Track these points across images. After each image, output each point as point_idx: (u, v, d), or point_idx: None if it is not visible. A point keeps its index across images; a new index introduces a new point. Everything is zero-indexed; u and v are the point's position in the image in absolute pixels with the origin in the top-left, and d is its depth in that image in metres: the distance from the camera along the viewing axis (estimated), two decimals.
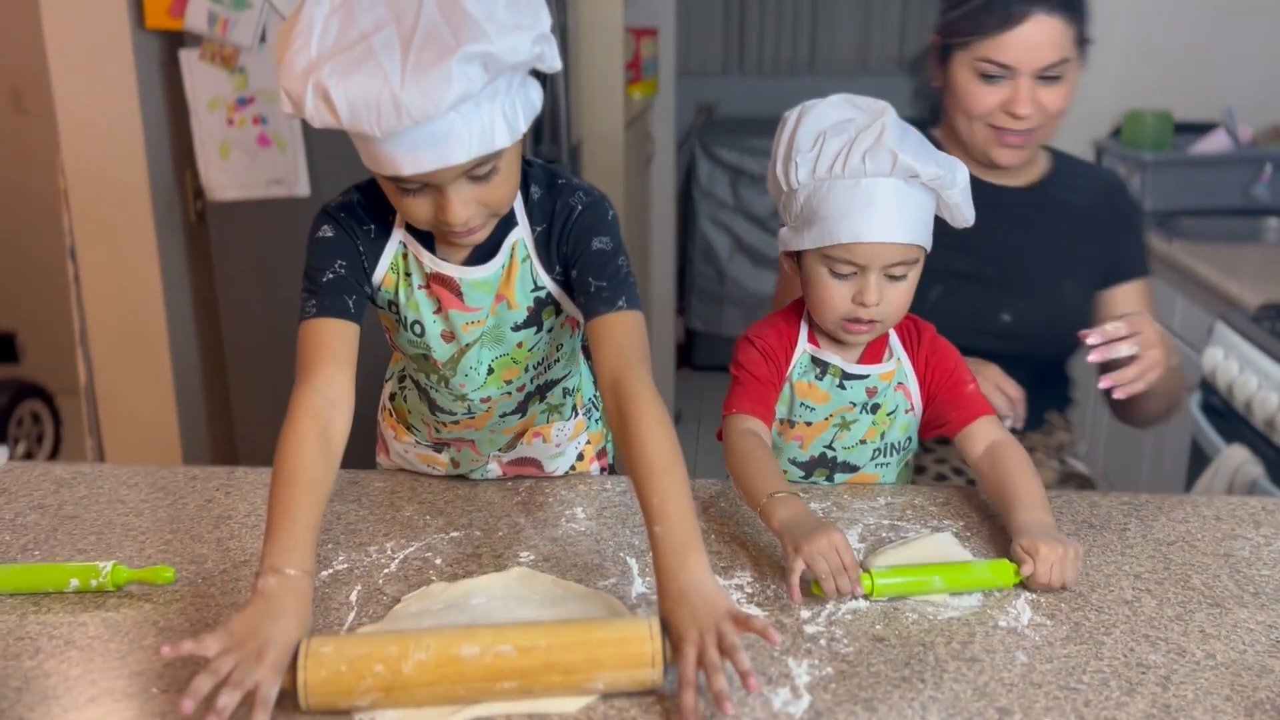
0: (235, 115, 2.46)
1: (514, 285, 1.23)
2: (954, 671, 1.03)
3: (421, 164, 1.04)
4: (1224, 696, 0.99)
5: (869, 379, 1.36)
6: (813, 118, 1.28)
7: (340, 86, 0.98)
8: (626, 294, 1.19)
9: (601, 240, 1.21)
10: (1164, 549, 1.25)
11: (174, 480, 1.45)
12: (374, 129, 1.00)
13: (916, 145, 1.25)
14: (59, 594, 1.17)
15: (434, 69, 0.97)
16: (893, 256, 1.26)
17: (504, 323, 1.25)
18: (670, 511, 1.03)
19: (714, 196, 4.66)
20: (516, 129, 1.07)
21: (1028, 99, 1.53)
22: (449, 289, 1.23)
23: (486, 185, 1.11)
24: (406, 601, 1.14)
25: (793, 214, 1.31)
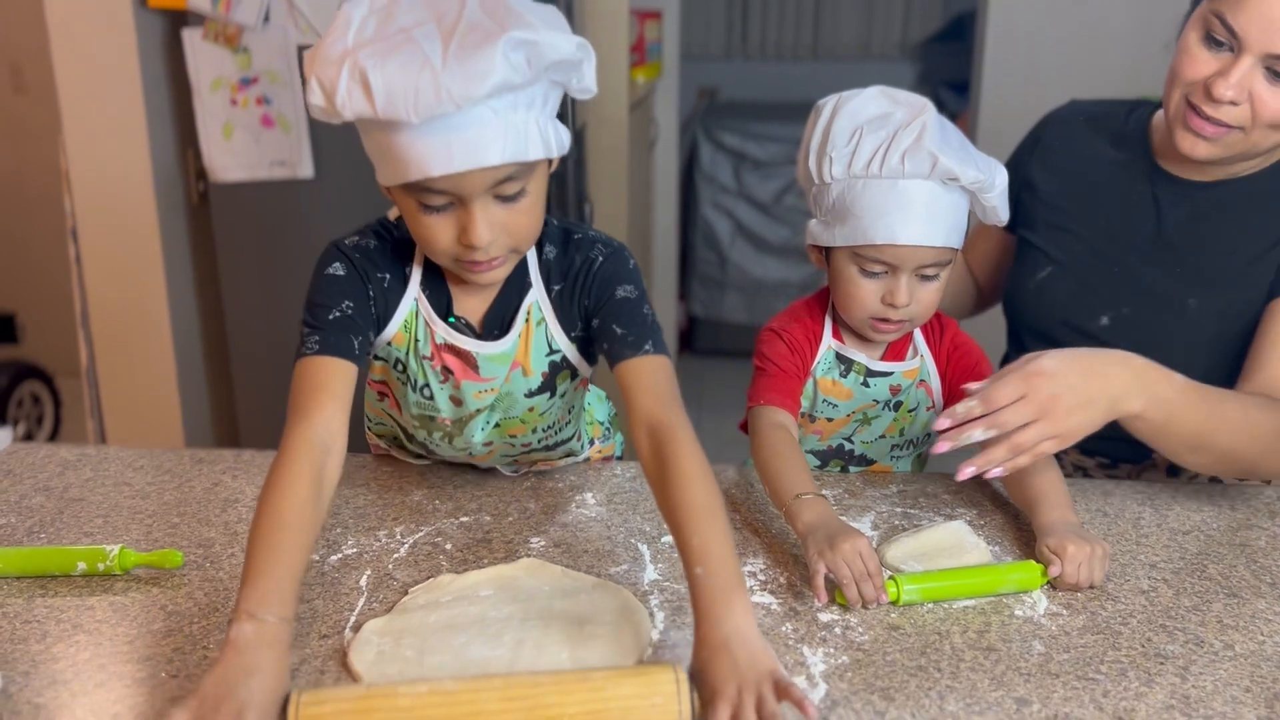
0: (239, 96, 2.44)
1: (530, 352, 1.19)
2: (971, 661, 1.02)
3: (453, 161, 0.98)
4: (1244, 688, 0.98)
5: (892, 377, 1.35)
6: (849, 110, 1.24)
7: (379, 70, 0.94)
8: (653, 339, 1.13)
9: (625, 289, 1.16)
10: (1179, 538, 1.24)
11: (180, 463, 1.44)
12: (411, 113, 0.94)
13: (957, 147, 1.22)
14: (66, 577, 1.16)
15: (478, 51, 0.94)
16: (926, 258, 1.24)
17: (517, 390, 1.21)
18: (713, 553, 0.95)
19: (716, 181, 4.63)
20: (550, 147, 1.03)
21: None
22: (464, 361, 1.18)
23: (513, 209, 1.06)
24: (414, 594, 1.12)
25: (824, 208, 1.28)
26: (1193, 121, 1.29)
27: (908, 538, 1.21)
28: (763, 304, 4.61)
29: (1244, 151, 1.31)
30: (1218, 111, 1.26)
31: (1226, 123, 1.27)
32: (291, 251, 2.58)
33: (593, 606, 1.08)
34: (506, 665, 0.99)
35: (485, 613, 1.07)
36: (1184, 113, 1.30)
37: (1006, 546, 1.22)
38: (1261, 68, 1.23)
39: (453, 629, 1.04)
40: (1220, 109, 1.26)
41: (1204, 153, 1.30)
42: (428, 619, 1.06)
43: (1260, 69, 1.23)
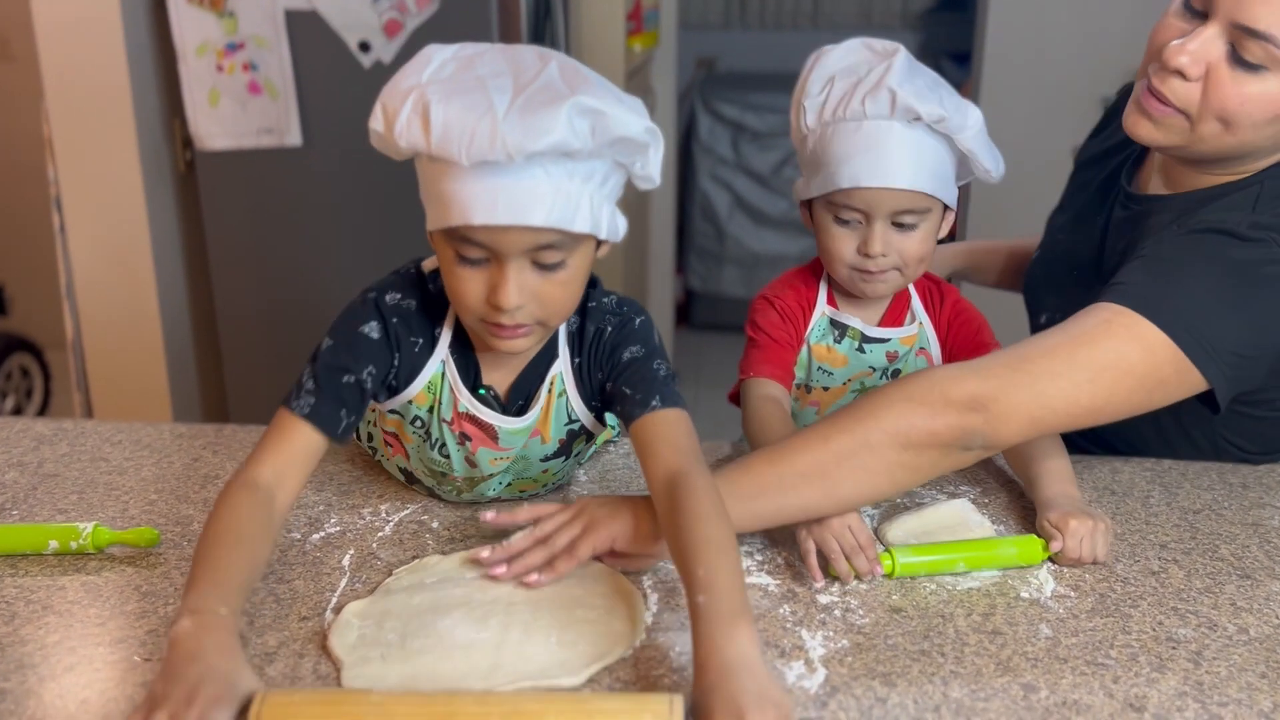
0: (225, 61, 2.38)
1: (550, 421, 1.15)
2: (975, 645, 0.98)
3: (496, 213, 0.94)
4: (1259, 673, 0.95)
5: (889, 343, 1.31)
6: (826, 62, 1.23)
7: (441, 105, 0.93)
8: (661, 393, 1.08)
9: (632, 350, 1.12)
10: (1190, 518, 1.21)
11: (159, 438, 1.40)
12: (462, 154, 0.92)
13: (922, 86, 1.17)
14: (37, 556, 1.12)
15: (543, 109, 0.92)
16: (898, 203, 1.20)
17: (533, 455, 1.18)
18: (718, 583, 0.90)
19: (714, 153, 4.57)
20: (599, 226, 0.99)
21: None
22: (485, 431, 1.14)
23: (549, 279, 1.01)
24: (397, 575, 1.07)
25: (804, 161, 1.27)
26: (1143, 98, 1.21)
27: (909, 516, 1.17)
28: (761, 278, 4.56)
29: (1186, 145, 1.20)
30: (1165, 84, 1.17)
31: (1173, 102, 1.17)
32: (280, 221, 2.53)
33: (583, 589, 1.04)
34: (493, 649, 0.95)
35: (471, 595, 1.03)
36: (1141, 87, 1.22)
37: (1011, 526, 1.18)
38: (1226, 43, 1.13)
39: (437, 611, 1.00)
40: (1168, 82, 1.17)
41: (1145, 134, 1.22)
42: (411, 601, 1.02)
43: (1225, 44, 1.13)
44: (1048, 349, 1.10)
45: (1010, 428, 1.08)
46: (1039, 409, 1.08)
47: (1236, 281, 1.13)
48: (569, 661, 0.94)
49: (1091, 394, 1.09)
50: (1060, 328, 1.12)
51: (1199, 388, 1.12)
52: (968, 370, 1.09)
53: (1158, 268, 1.15)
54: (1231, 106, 1.14)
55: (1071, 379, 1.08)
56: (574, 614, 1.00)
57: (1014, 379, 1.08)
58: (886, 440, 1.06)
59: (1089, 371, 1.08)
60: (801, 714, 0.89)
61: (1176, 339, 1.09)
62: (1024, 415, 1.08)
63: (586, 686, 0.92)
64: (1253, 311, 1.13)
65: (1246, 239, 1.14)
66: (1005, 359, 1.10)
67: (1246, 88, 1.13)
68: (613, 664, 0.95)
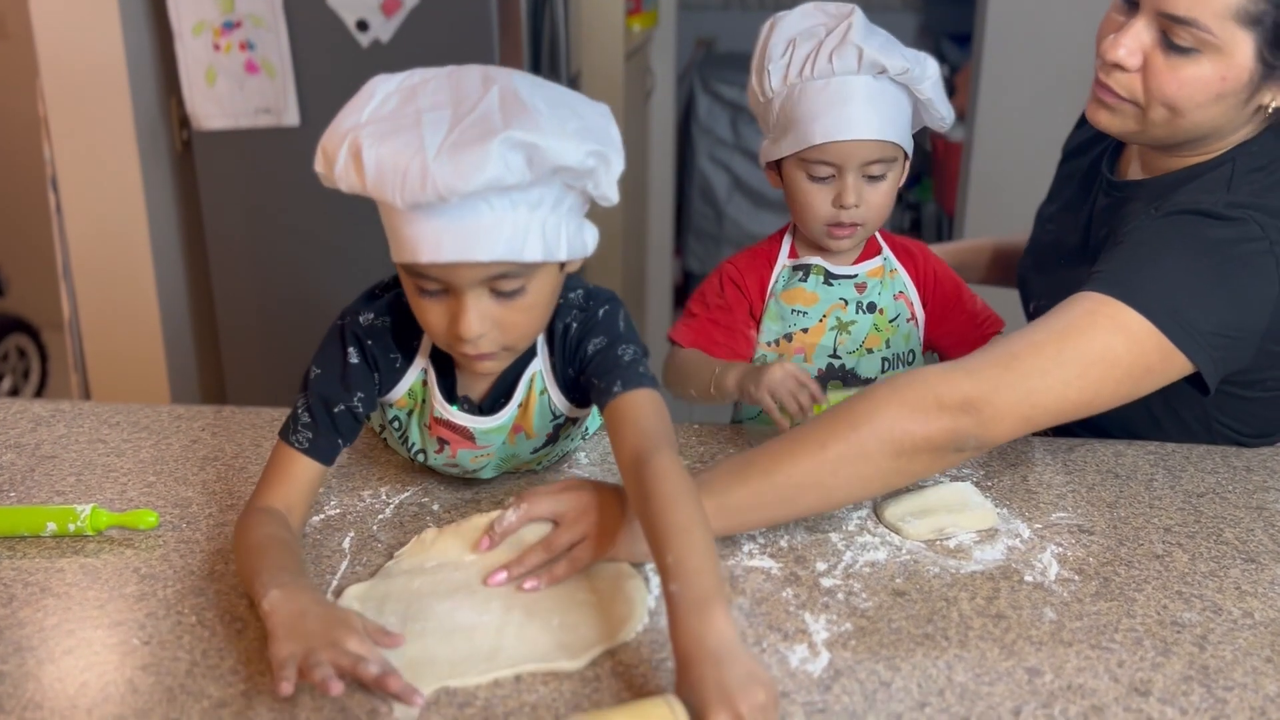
0: (222, 40, 2.36)
1: (532, 418, 1.16)
2: (979, 629, 0.98)
3: (441, 251, 0.94)
4: (1264, 658, 0.94)
5: (856, 276, 1.36)
6: (783, 26, 1.28)
7: (374, 148, 0.91)
8: (623, 377, 1.08)
9: (595, 342, 1.12)
10: (1194, 501, 1.20)
11: (158, 419, 1.39)
12: (397, 198, 0.91)
13: (884, 41, 1.24)
14: (35, 538, 1.11)
15: (473, 147, 0.90)
16: (869, 154, 1.25)
17: (522, 451, 1.19)
18: (689, 568, 0.89)
19: (713, 134, 4.55)
20: (554, 251, 0.97)
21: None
22: (460, 434, 1.15)
23: (509, 306, 1.01)
24: (397, 558, 1.07)
25: (770, 124, 1.31)
26: (1096, 89, 1.24)
27: (910, 496, 1.16)
28: None
29: (1143, 131, 1.21)
30: (1110, 77, 1.20)
31: (1119, 94, 1.20)
32: (277, 201, 2.52)
33: (586, 573, 1.04)
34: (494, 632, 0.95)
35: (471, 579, 1.02)
36: (1094, 79, 1.24)
37: (1015, 509, 1.18)
38: (1157, 30, 1.15)
39: (437, 595, 1.00)
40: (1112, 75, 1.19)
41: (1103, 121, 1.24)
42: (411, 584, 1.02)
43: (1155, 32, 1.15)
44: (1035, 345, 1.09)
45: (1002, 427, 1.08)
46: (1030, 408, 1.08)
47: (1216, 262, 1.13)
48: (570, 645, 0.94)
49: (1080, 389, 1.09)
50: (1046, 321, 1.12)
51: (1186, 371, 1.12)
52: (959, 371, 1.09)
53: (1137, 253, 1.15)
54: (1170, 91, 1.16)
55: (1060, 376, 1.08)
56: (576, 598, 1.00)
57: (1005, 379, 1.08)
58: (880, 448, 1.06)
59: (1077, 367, 1.08)
60: (805, 698, 0.89)
61: (1160, 324, 1.09)
62: (1016, 415, 1.08)
63: (588, 670, 0.92)
64: (1234, 291, 1.12)
65: (1224, 218, 1.14)
66: (995, 357, 1.10)
67: (1181, 72, 1.15)
68: (614, 648, 0.95)
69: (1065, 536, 1.12)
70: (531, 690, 0.90)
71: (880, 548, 1.10)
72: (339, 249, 2.50)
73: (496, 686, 0.90)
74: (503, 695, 0.89)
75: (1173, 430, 1.33)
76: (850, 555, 1.09)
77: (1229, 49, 1.13)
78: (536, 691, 0.89)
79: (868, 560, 1.08)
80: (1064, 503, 1.19)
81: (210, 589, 1.03)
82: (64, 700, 0.89)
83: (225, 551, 1.09)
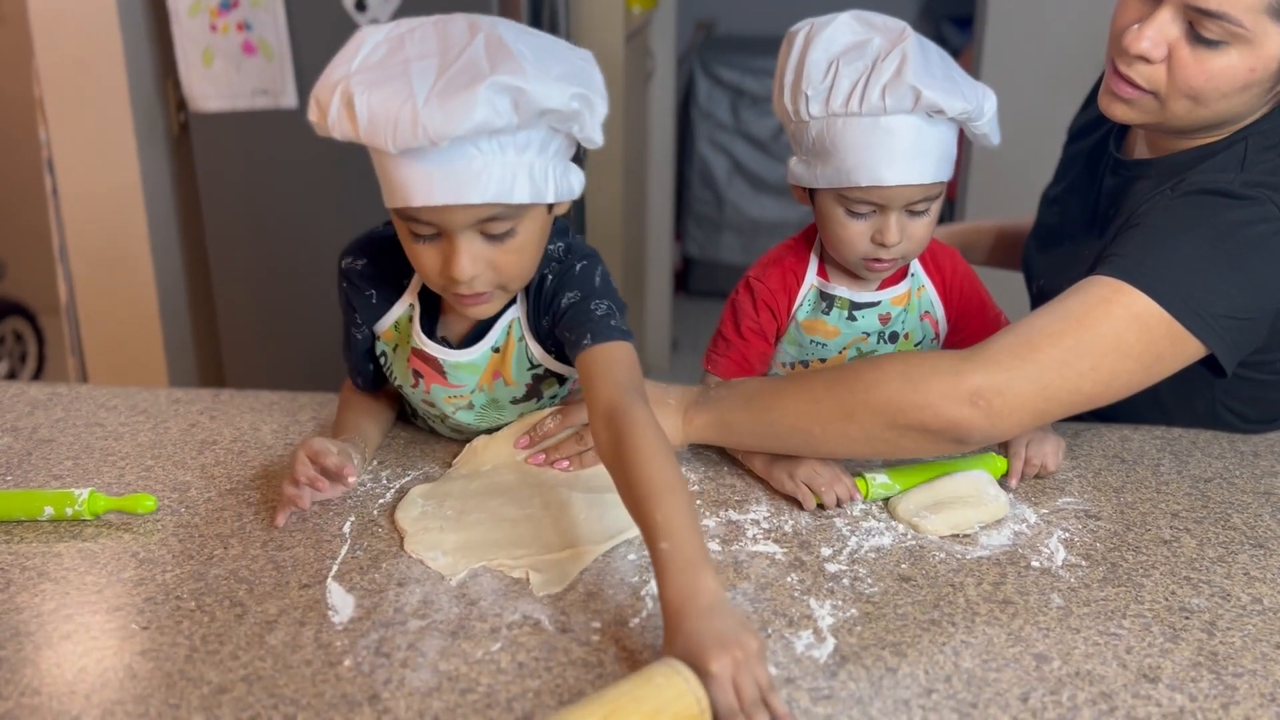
0: (218, 21, 2.34)
1: (510, 364, 1.19)
2: (986, 614, 0.97)
3: (433, 195, 0.98)
4: (1274, 644, 0.93)
5: (880, 305, 1.28)
6: (822, 42, 1.16)
7: (365, 95, 0.95)
8: (593, 330, 1.10)
9: (569, 296, 1.14)
10: (1201, 486, 1.19)
11: (156, 403, 1.38)
12: (389, 143, 0.95)
13: (941, 77, 1.13)
14: (32, 523, 1.10)
15: (461, 92, 0.93)
16: (914, 195, 1.17)
17: (502, 397, 1.22)
18: (677, 527, 0.91)
19: (713, 118, 4.52)
20: (542, 193, 1.01)
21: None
22: (432, 367, 1.18)
23: (501, 248, 1.04)
24: (455, 465, 1.21)
25: (804, 147, 1.20)
26: (1110, 79, 1.20)
27: (921, 489, 1.15)
28: (760, 245, 4.52)
29: (1162, 122, 1.19)
30: (1130, 69, 1.16)
31: (1139, 84, 1.16)
32: (275, 183, 2.50)
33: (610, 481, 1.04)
34: (534, 523, 1.09)
35: (521, 479, 1.16)
36: (1109, 69, 1.21)
37: (1022, 494, 1.16)
38: (1183, 22, 1.12)
39: (490, 494, 1.14)
40: (1134, 66, 1.16)
41: (1119, 114, 1.21)
42: (470, 485, 1.16)
43: (1182, 24, 1.12)
44: (1052, 335, 1.08)
45: (1011, 421, 1.07)
46: (1043, 401, 1.07)
47: (1233, 244, 1.11)
48: (595, 534, 1.07)
49: (1094, 381, 1.08)
50: (1061, 307, 1.10)
51: (1198, 355, 1.11)
52: (973, 361, 1.07)
53: (1152, 236, 1.13)
54: (1197, 84, 1.13)
55: (1076, 368, 1.07)
56: (602, 496, 1.12)
57: (1021, 371, 1.06)
58: (872, 415, 1.07)
59: (1092, 359, 1.07)
60: (810, 684, 0.88)
61: (1172, 310, 1.07)
62: (1028, 409, 1.07)
63: (591, 655, 0.91)
64: (1249, 273, 1.11)
65: (1241, 198, 1.12)
66: (1011, 347, 1.08)
67: (1209, 64, 1.12)
68: (633, 538, 1.06)
69: (1072, 522, 1.11)
70: (534, 676, 0.89)
71: (885, 533, 1.09)
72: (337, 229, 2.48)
73: (499, 672, 0.89)
74: (505, 681, 0.88)
75: (1177, 415, 1.32)
76: (855, 540, 1.08)
77: (1259, 41, 1.10)
78: (539, 677, 0.89)
79: (873, 545, 1.07)
80: (1070, 488, 1.18)
81: (209, 573, 1.02)
82: (62, 686, 0.88)
83: (225, 535, 1.08)
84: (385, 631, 0.94)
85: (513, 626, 0.94)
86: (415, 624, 0.95)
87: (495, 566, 1.03)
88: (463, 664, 0.90)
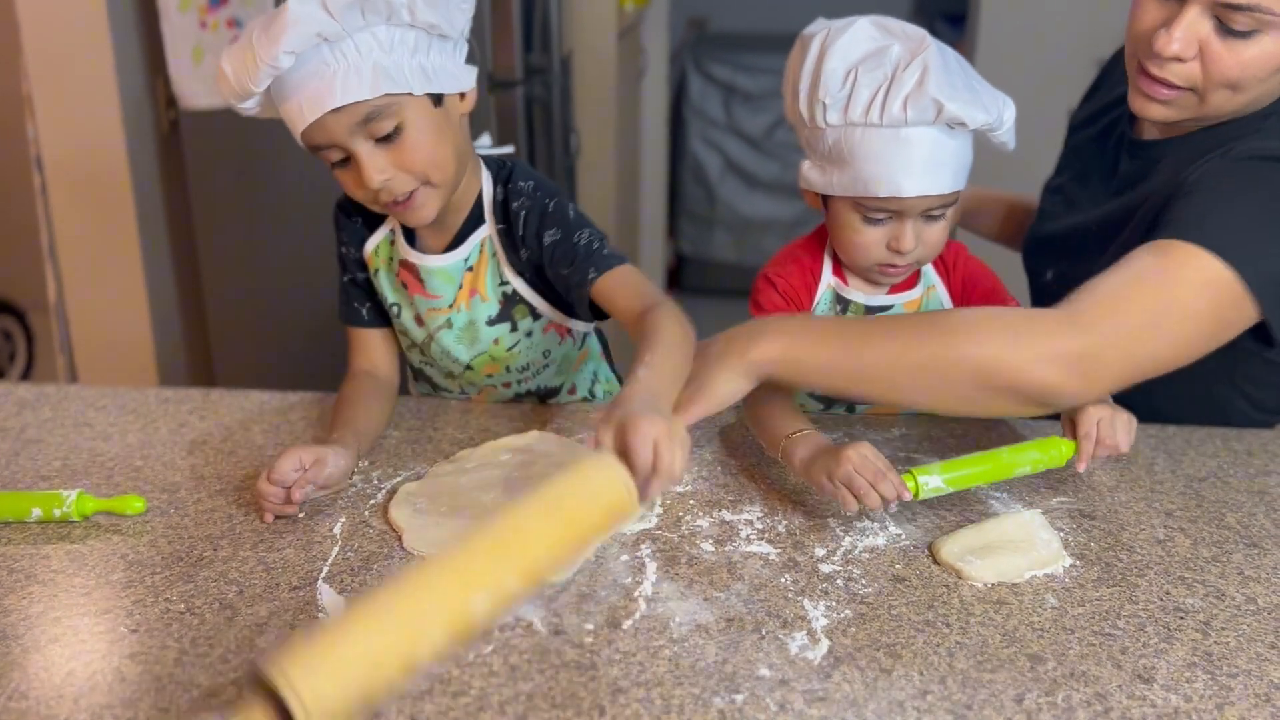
0: (208, 17, 2.33)
1: (484, 279, 1.29)
2: (981, 615, 0.96)
3: (304, 115, 1.09)
4: (1268, 644, 0.93)
5: (893, 309, 1.28)
6: (840, 48, 1.14)
7: (226, 62, 1.09)
8: (595, 263, 1.20)
9: (550, 234, 1.23)
10: (1195, 485, 1.19)
11: (145, 402, 1.37)
12: (252, 85, 1.08)
13: (963, 87, 1.12)
14: (20, 524, 1.09)
15: (278, 17, 1.06)
16: (933, 204, 1.17)
17: (478, 317, 1.30)
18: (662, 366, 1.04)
19: (705, 115, 4.52)
20: (401, 83, 1.10)
21: None
22: (412, 274, 1.29)
23: (397, 148, 1.13)
24: (439, 465, 1.20)
25: (819, 153, 1.20)
26: (1141, 82, 1.18)
27: (968, 531, 1.07)
28: (752, 242, 4.52)
29: (1202, 115, 1.18)
30: (1164, 70, 1.14)
31: (1175, 83, 1.15)
32: (266, 181, 2.49)
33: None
34: None
35: (509, 474, 1.16)
36: (1136, 72, 1.19)
37: (1015, 493, 1.16)
38: (1211, 18, 1.10)
39: (480, 488, 1.14)
40: (1167, 67, 1.14)
41: (1157, 114, 1.19)
42: (458, 481, 1.15)
43: (1209, 19, 1.11)
44: (1144, 305, 1.06)
45: (1101, 387, 1.07)
46: (1131, 368, 1.06)
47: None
48: None
49: (1171, 346, 1.07)
50: (1131, 270, 1.07)
51: (1253, 320, 1.10)
52: (1072, 323, 1.04)
53: (1212, 200, 1.11)
54: (1234, 75, 1.12)
55: (1155, 333, 1.06)
56: None
57: (1116, 339, 1.05)
58: (964, 373, 1.04)
59: (1169, 323, 1.06)
60: (805, 685, 0.88)
61: (1240, 271, 1.06)
62: (1115, 375, 1.06)
63: (584, 657, 0.90)
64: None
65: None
66: (1105, 308, 1.05)
67: (1244, 54, 1.11)
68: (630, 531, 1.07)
69: (1066, 521, 1.11)
70: (527, 679, 0.88)
71: (879, 534, 1.09)
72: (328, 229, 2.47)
73: (491, 675, 0.88)
74: (498, 684, 0.87)
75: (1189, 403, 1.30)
76: (849, 541, 1.07)
77: None
78: (532, 680, 0.88)
79: (867, 546, 1.07)
80: (1064, 487, 1.17)
81: (199, 575, 1.01)
82: (50, 689, 0.87)
83: (214, 537, 1.07)
84: None
85: (505, 629, 0.94)
86: None
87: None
88: (454, 666, 0.89)
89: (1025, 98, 3.16)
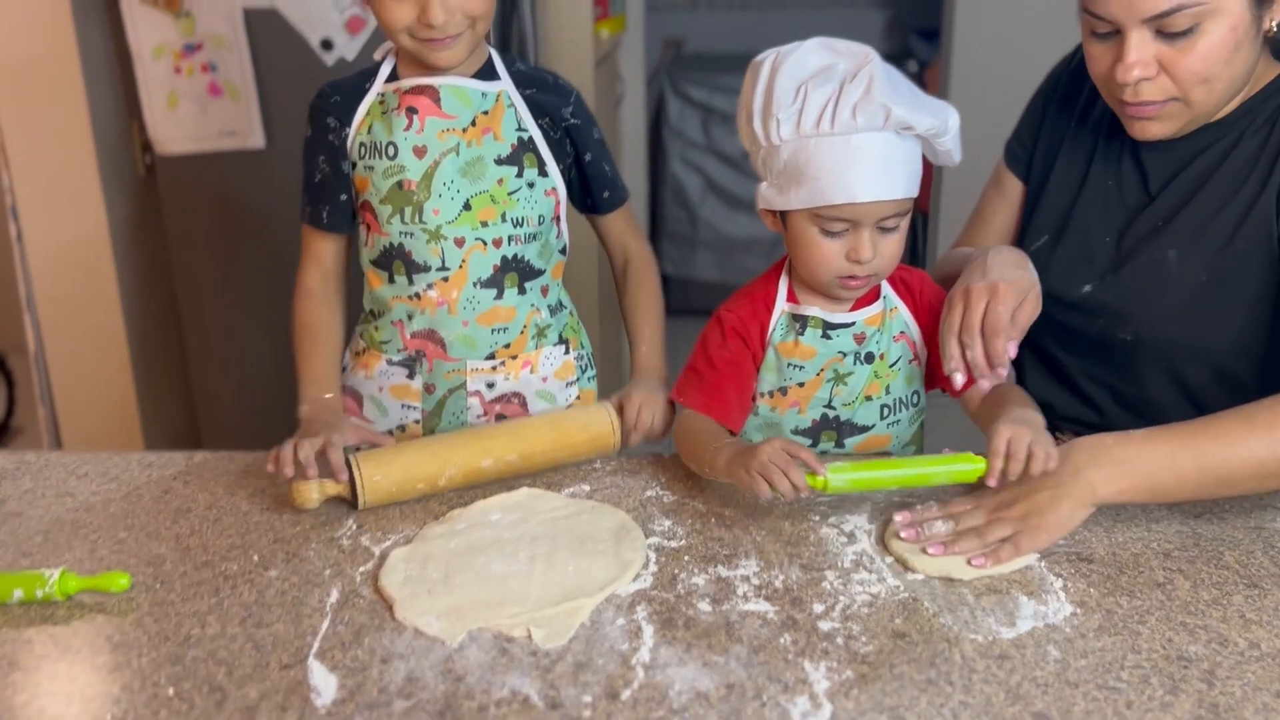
0: (183, 63, 2.31)
1: (500, 121, 1.38)
2: (983, 671, 0.95)
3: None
4: (1274, 693, 0.92)
5: (854, 325, 1.30)
6: (790, 66, 1.19)
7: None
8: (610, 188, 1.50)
9: (596, 132, 1.46)
10: (1191, 522, 1.18)
11: (128, 468, 1.34)
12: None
13: (907, 95, 1.18)
14: (2, 607, 1.07)
15: None
16: (887, 211, 1.21)
17: (488, 154, 1.37)
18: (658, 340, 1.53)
19: (684, 136, 4.51)
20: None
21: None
22: (428, 96, 1.36)
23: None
24: (429, 527, 1.20)
25: (774, 171, 1.23)
26: (1128, 111, 1.23)
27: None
28: (735, 261, 4.52)
29: (1197, 115, 1.23)
30: (1139, 95, 1.20)
31: (1155, 100, 1.20)
32: (244, 225, 2.46)
33: (593, 525, 1.18)
34: (523, 579, 1.09)
35: (500, 535, 1.16)
36: (1118, 107, 1.25)
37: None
38: (1151, 31, 1.16)
39: (472, 551, 1.14)
40: (1140, 90, 1.20)
41: (1158, 131, 1.24)
42: (449, 545, 1.15)
43: (1150, 33, 1.16)
44: None
45: None
46: None
47: None
48: (585, 585, 1.07)
49: None
50: None
51: None
52: None
53: None
54: (1200, 70, 1.17)
55: None
56: (585, 547, 1.14)
57: None
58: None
59: None
60: None
61: None
62: None
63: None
64: None
65: None
66: None
67: (1198, 49, 1.16)
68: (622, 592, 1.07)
69: (1065, 566, 1.10)
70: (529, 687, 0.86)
71: (876, 584, 1.08)
72: None
73: None
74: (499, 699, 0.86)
75: None
76: (848, 595, 1.06)
77: (1221, 4, 1.14)
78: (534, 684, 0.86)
79: (865, 600, 1.05)
80: None
81: (187, 655, 0.99)
82: None
83: (201, 613, 1.05)
84: (370, 714, 0.91)
85: (501, 704, 0.92)
86: (401, 704, 0.92)
87: (493, 627, 1.02)
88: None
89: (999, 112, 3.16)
